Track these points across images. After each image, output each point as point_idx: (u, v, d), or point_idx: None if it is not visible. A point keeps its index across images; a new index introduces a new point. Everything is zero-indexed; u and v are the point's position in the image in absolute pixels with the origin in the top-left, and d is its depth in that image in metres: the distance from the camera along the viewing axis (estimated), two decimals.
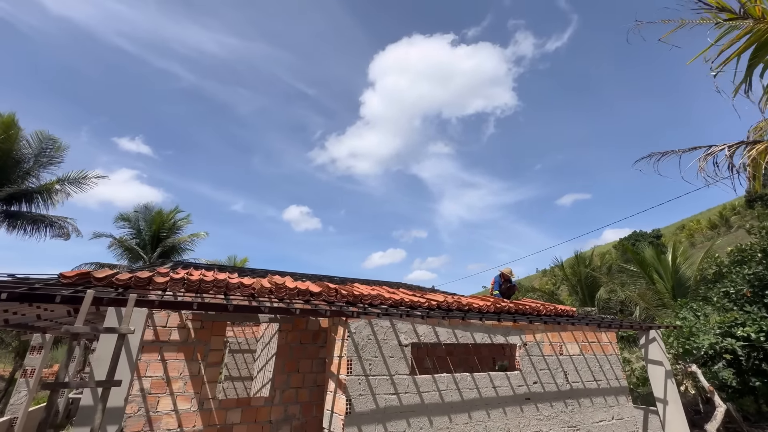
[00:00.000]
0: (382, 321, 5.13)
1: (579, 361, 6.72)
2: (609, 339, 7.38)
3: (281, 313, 4.19)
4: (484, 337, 5.89)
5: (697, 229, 65.70)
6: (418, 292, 7.05)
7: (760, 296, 9.33)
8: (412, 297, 6.00)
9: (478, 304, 6.31)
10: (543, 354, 6.37)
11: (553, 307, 7.24)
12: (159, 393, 5.20)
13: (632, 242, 60.47)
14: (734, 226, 59.94)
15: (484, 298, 7.45)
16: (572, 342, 6.81)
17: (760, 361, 9.10)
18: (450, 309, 6.03)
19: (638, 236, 62.20)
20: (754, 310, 9.25)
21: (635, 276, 16.03)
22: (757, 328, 8.83)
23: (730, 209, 64.43)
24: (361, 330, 4.98)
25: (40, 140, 14.48)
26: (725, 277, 10.47)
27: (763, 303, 9.29)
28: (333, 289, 5.27)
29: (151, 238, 20.04)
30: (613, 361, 7.18)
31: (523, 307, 6.75)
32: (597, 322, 7.13)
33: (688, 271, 14.94)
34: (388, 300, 5.56)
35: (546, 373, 6.25)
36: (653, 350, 8.09)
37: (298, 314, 4.24)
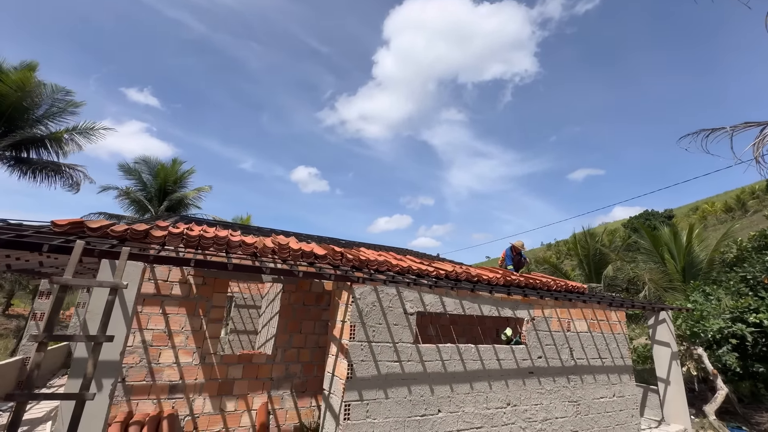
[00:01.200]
0: (388, 288, 4.94)
1: (586, 339, 6.58)
2: (618, 318, 7.20)
3: (284, 275, 3.99)
4: (491, 310, 5.72)
5: (711, 211, 64.24)
6: (425, 260, 6.84)
7: None
8: (420, 265, 5.78)
9: (488, 275, 6.09)
10: (550, 329, 6.22)
11: (564, 283, 7.01)
12: (161, 345, 5.19)
13: (643, 221, 59.53)
14: (750, 211, 58.41)
15: (493, 269, 7.23)
16: (581, 319, 6.64)
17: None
18: (458, 279, 5.81)
19: (649, 215, 61.11)
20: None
21: (646, 254, 15.70)
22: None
23: (749, 193, 62.47)
24: (366, 296, 4.80)
25: (53, 91, 14.08)
26: (745, 262, 10.10)
27: None
28: (338, 252, 5.04)
29: (158, 191, 19.98)
30: (620, 340, 7.05)
31: (534, 282, 6.53)
32: (608, 301, 6.92)
33: (702, 253, 14.55)
34: (395, 267, 5.34)
35: (551, 348, 6.13)
36: (662, 331, 7.94)
37: (301, 277, 4.03)
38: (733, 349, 9.26)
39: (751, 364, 9.15)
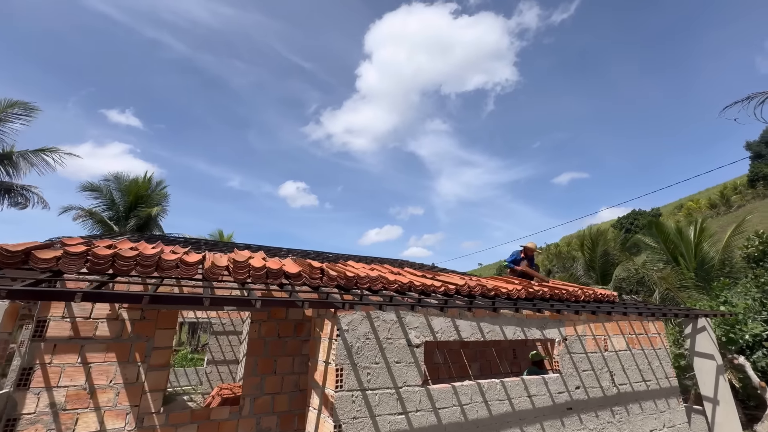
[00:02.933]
0: (385, 313, 3.71)
1: (626, 358, 5.43)
2: (657, 329, 6.09)
3: (231, 304, 2.74)
4: (516, 332, 4.52)
5: (696, 208, 65.02)
6: (427, 272, 5.64)
7: None
8: (423, 279, 4.57)
9: (507, 288, 4.91)
10: (586, 351, 5.05)
11: (593, 292, 5.89)
12: (79, 408, 3.80)
13: (631, 221, 59.76)
14: (734, 206, 59.29)
15: (508, 279, 6.07)
16: (618, 335, 5.50)
17: None
18: (472, 295, 4.62)
19: (637, 215, 61.46)
20: None
21: (655, 253, 14.81)
22: None
23: (731, 188, 63.54)
24: (357, 326, 3.56)
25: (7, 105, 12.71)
26: None
27: None
28: (317, 269, 3.79)
29: (127, 210, 18.38)
30: (662, 357, 5.93)
31: (560, 292, 5.38)
32: (645, 311, 5.81)
33: (712, 250, 13.73)
34: (392, 284, 4.12)
35: (590, 375, 4.95)
36: (702, 341, 6.84)
37: (258, 307, 2.78)
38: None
39: None
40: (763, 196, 57.49)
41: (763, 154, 66.94)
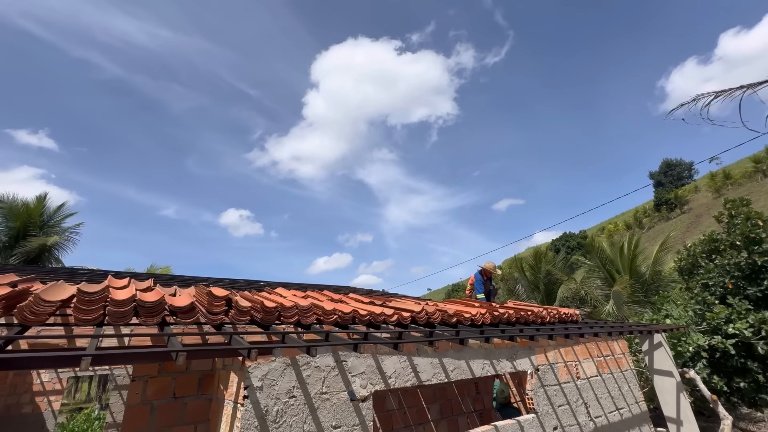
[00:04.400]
0: (318, 357, 2.68)
1: (598, 385, 4.87)
2: (622, 349, 5.69)
3: (50, 366, 1.57)
4: (485, 366, 3.70)
5: (615, 230, 72.44)
6: (377, 299, 4.69)
7: (741, 288, 8.53)
8: (370, 307, 3.61)
9: (470, 312, 4.12)
10: (559, 381, 4.38)
11: (557, 311, 5.36)
12: None
13: (564, 242, 64.64)
14: (645, 227, 67.15)
15: (468, 302, 5.33)
16: (588, 359, 4.95)
17: (745, 359, 8.24)
18: (432, 323, 3.75)
19: (568, 237, 66.76)
20: (736, 302, 8.40)
21: (593, 271, 15.38)
22: (746, 323, 7.93)
23: (642, 212, 72.18)
24: (276, 380, 2.48)
25: None
26: (700, 268, 9.70)
27: (745, 295, 8.49)
28: (220, 299, 2.67)
29: (14, 238, 15.10)
30: (629, 379, 5.49)
31: (525, 315, 4.73)
32: (610, 329, 5.38)
33: (643, 265, 14.57)
34: (330, 315, 3.10)
35: (566, 410, 4.26)
36: (660, 358, 6.62)
37: (82, 368, 1.63)
38: (708, 364, 8.45)
39: (732, 380, 8.34)
40: (667, 218, 66.00)
41: (663, 183, 77.67)
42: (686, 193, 70.47)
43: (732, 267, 8.74)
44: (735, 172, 64.06)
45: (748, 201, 8.94)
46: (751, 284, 8.31)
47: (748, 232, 8.42)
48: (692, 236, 39.87)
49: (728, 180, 62.00)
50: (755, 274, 8.32)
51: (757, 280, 8.27)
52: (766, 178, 58.95)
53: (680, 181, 78.26)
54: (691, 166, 79.22)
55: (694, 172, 79.69)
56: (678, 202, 67.40)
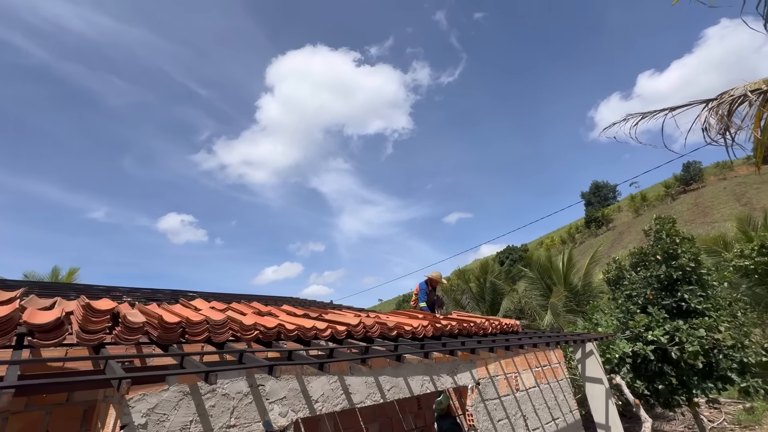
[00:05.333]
0: (227, 383, 2.25)
1: (536, 396, 4.87)
2: (558, 359, 5.82)
3: None
4: (425, 383, 3.47)
5: (552, 244, 78.11)
6: (312, 311, 4.29)
7: (661, 298, 9.33)
8: (300, 321, 3.23)
9: (411, 325, 3.89)
10: (499, 395, 4.28)
11: (498, 322, 5.33)
12: None
13: (507, 255, 68.18)
14: (578, 242, 73.23)
15: (410, 313, 5.11)
16: (527, 370, 4.95)
17: (662, 363, 8.96)
18: (369, 338, 3.45)
19: (511, 250, 70.64)
20: (655, 311, 9.17)
21: (533, 283, 16.15)
22: (662, 331, 8.65)
23: (575, 228, 78.83)
24: (168, 413, 2.01)
25: None
26: (625, 280, 10.49)
27: (662, 305, 9.30)
28: (103, 314, 2.14)
29: None
30: (565, 389, 5.60)
31: (468, 326, 4.61)
32: (548, 339, 5.47)
33: (575, 277, 15.61)
34: (249, 331, 2.68)
35: (505, 425, 4.15)
36: (591, 365, 6.90)
37: None
38: (630, 369, 9.09)
39: (652, 383, 9.01)
40: (595, 234, 72.63)
41: (592, 202, 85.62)
42: (611, 212, 78.42)
43: (653, 279, 9.55)
44: (650, 195, 72.71)
45: (674, 220, 9.86)
46: (668, 295, 9.10)
47: (668, 248, 9.28)
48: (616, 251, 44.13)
49: (645, 202, 70.14)
50: (671, 285, 9.14)
51: (673, 291, 9.07)
52: (673, 201, 67.51)
53: (606, 201, 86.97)
54: (615, 189, 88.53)
55: (617, 193, 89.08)
56: (605, 219, 74.71)
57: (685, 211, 59.97)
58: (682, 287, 8.99)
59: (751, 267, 11.14)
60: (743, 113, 3.87)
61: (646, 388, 8.90)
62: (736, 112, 3.83)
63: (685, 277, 9.07)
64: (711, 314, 8.59)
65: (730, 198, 55.73)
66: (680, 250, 8.99)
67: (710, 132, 3.71)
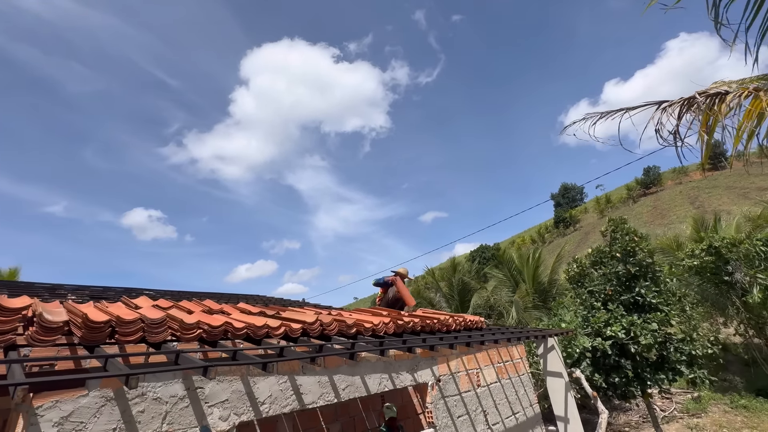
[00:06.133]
0: (160, 386, 2.08)
1: (497, 392, 4.92)
2: (520, 354, 5.92)
3: None
4: (383, 381, 3.39)
5: (523, 243, 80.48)
6: (270, 309, 4.12)
7: (619, 294, 9.74)
8: (251, 319, 3.06)
9: (372, 322, 3.81)
10: (460, 391, 4.28)
11: (462, 318, 5.35)
12: None
13: (480, 253, 69.65)
14: (547, 241, 75.88)
15: (374, 311, 5.03)
16: (488, 365, 4.99)
17: (619, 357, 9.37)
18: (327, 336, 3.33)
19: (484, 249, 72.21)
20: (614, 308, 9.57)
21: (500, 281, 16.51)
22: (620, 326, 9.03)
23: (544, 228, 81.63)
24: (87, 421, 1.82)
25: None
26: (586, 278, 10.90)
27: (620, 301, 9.71)
28: (13, 312, 1.92)
29: None
30: (525, 383, 5.70)
31: (432, 323, 4.59)
32: (510, 335, 5.55)
33: (543, 275, 16.10)
34: (191, 330, 2.50)
35: (465, 421, 4.15)
36: (552, 360, 7.08)
37: None
38: (590, 363, 9.45)
39: (609, 376, 9.40)
40: (563, 234, 75.50)
41: (561, 203, 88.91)
42: (578, 213, 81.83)
43: (612, 276, 9.96)
44: (614, 197, 76.46)
45: (626, 220, 10.32)
46: (626, 291, 9.50)
47: (626, 246, 9.70)
48: (582, 250, 46.17)
49: (609, 203, 73.64)
50: (629, 281, 9.55)
51: (631, 287, 9.48)
52: (634, 204, 71.29)
53: (574, 203, 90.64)
54: (582, 190, 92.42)
55: (584, 195, 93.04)
56: (572, 220, 77.89)
57: (645, 213, 63.46)
58: (639, 283, 9.42)
59: (701, 266, 11.87)
60: (692, 118, 4.04)
61: (604, 381, 9.28)
62: (686, 115, 3.99)
63: (642, 273, 9.50)
64: (663, 308, 9.03)
65: (685, 201, 59.51)
66: (638, 248, 9.40)
67: (662, 132, 3.84)
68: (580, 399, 8.82)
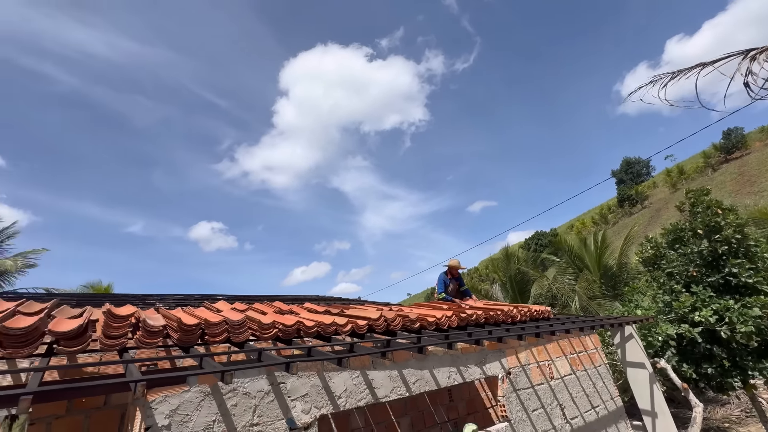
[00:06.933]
0: (248, 381, 2.25)
1: (572, 384, 4.65)
2: (594, 344, 5.54)
3: None
4: (452, 374, 3.37)
5: (583, 227, 75.17)
6: (334, 307, 4.27)
7: (704, 275, 8.71)
8: (319, 318, 3.20)
9: (434, 316, 3.79)
10: (532, 383, 4.11)
11: (527, 309, 5.13)
12: None
13: (535, 240, 66.30)
14: (611, 222, 70.11)
15: (434, 305, 5.00)
16: (561, 357, 4.73)
17: (711, 345, 8.38)
18: (391, 331, 3.38)
19: (540, 236, 68.61)
20: (700, 290, 8.57)
21: (563, 268, 15.58)
22: (710, 311, 8.07)
23: (607, 208, 75.44)
24: (191, 413, 2.02)
25: None
26: (663, 258, 9.88)
27: (707, 283, 8.68)
28: (123, 319, 2.19)
29: None
30: (603, 375, 5.33)
31: (495, 314, 4.45)
32: (582, 324, 5.20)
33: (610, 258, 14.90)
34: (268, 330, 2.67)
35: (541, 414, 3.98)
36: (631, 350, 6.55)
37: None
38: (676, 352, 8.56)
39: (701, 367, 8.46)
40: (629, 213, 69.25)
41: (624, 180, 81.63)
42: (646, 188, 74.38)
43: (695, 255, 8.93)
44: (688, 167, 68.29)
45: (708, 191, 9.19)
46: (713, 272, 8.48)
47: (709, 221, 8.63)
48: (653, 229, 41.93)
49: (682, 175, 65.98)
50: (716, 261, 8.51)
51: (718, 267, 8.45)
52: (714, 173, 63.17)
53: (639, 178, 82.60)
54: (648, 164, 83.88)
55: (651, 168, 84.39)
56: (639, 197, 70.99)
57: (729, 182, 55.99)
58: (729, 261, 8.34)
59: None
60: None
61: (694, 372, 8.37)
62: None
63: (731, 251, 8.41)
64: (764, 288, 7.92)
65: None
66: (723, 222, 8.33)
67: (755, 83, 3.33)
68: (666, 391, 8.03)
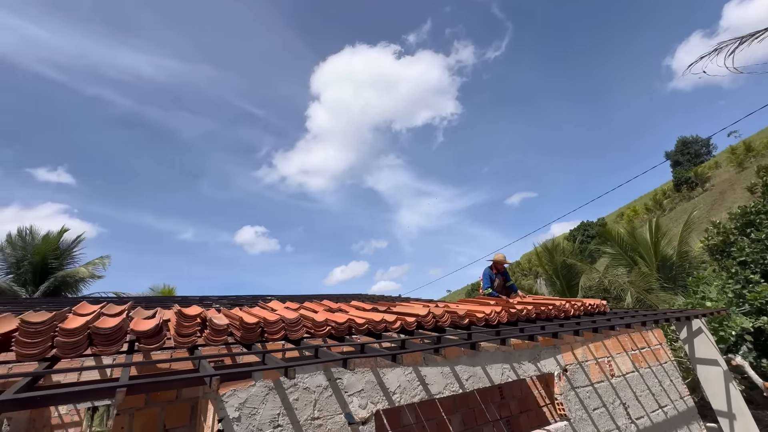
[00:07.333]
0: (307, 377, 2.34)
1: (636, 382, 4.36)
2: (658, 339, 5.16)
3: None
4: (505, 371, 3.29)
5: (634, 214, 70.13)
6: (381, 305, 4.32)
7: None
8: (369, 315, 3.25)
9: (483, 311, 3.72)
10: (591, 381, 3.91)
11: (581, 303, 4.88)
12: None
13: (582, 231, 62.83)
14: (666, 208, 64.77)
15: (480, 300, 4.90)
16: (621, 353, 4.45)
17: None
18: (440, 327, 3.36)
19: (586, 226, 64.88)
20: None
21: (615, 259, 14.63)
22: None
23: (662, 193, 69.74)
24: (257, 407, 2.14)
25: None
26: (733, 245, 8.98)
27: None
28: (192, 318, 2.36)
29: (35, 271, 15.37)
30: (671, 373, 4.95)
31: (547, 310, 4.28)
32: (644, 318, 4.86)
33: (668, 247, 13.77)
34: (321, 327, 2.76)
35: (603, 414, 3.78)
36: (701, 345, 6.02)
37: None
38: (753, 347, 7.75)
39: None
40: (688, 198, 63.54)
41: (681, 161, 75.04)
42: (706, 170, 67.76)
43: None
44: (757, 143, 61.30)
45: None
46: None
47: None
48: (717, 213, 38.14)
49: (750, 152, 59.35)
50: None
51: None
52: None
53: (698, 159, 75.42)
54: (708, 142, 76.36)
55: (712, 147, 76.75)
56: (699, 179, 64.85)
57: None
58: None
59: None
60: None
61: None
62: None
63: None
64: None
65: None
66: None
67: None
68: (744, 391, 7.29)
